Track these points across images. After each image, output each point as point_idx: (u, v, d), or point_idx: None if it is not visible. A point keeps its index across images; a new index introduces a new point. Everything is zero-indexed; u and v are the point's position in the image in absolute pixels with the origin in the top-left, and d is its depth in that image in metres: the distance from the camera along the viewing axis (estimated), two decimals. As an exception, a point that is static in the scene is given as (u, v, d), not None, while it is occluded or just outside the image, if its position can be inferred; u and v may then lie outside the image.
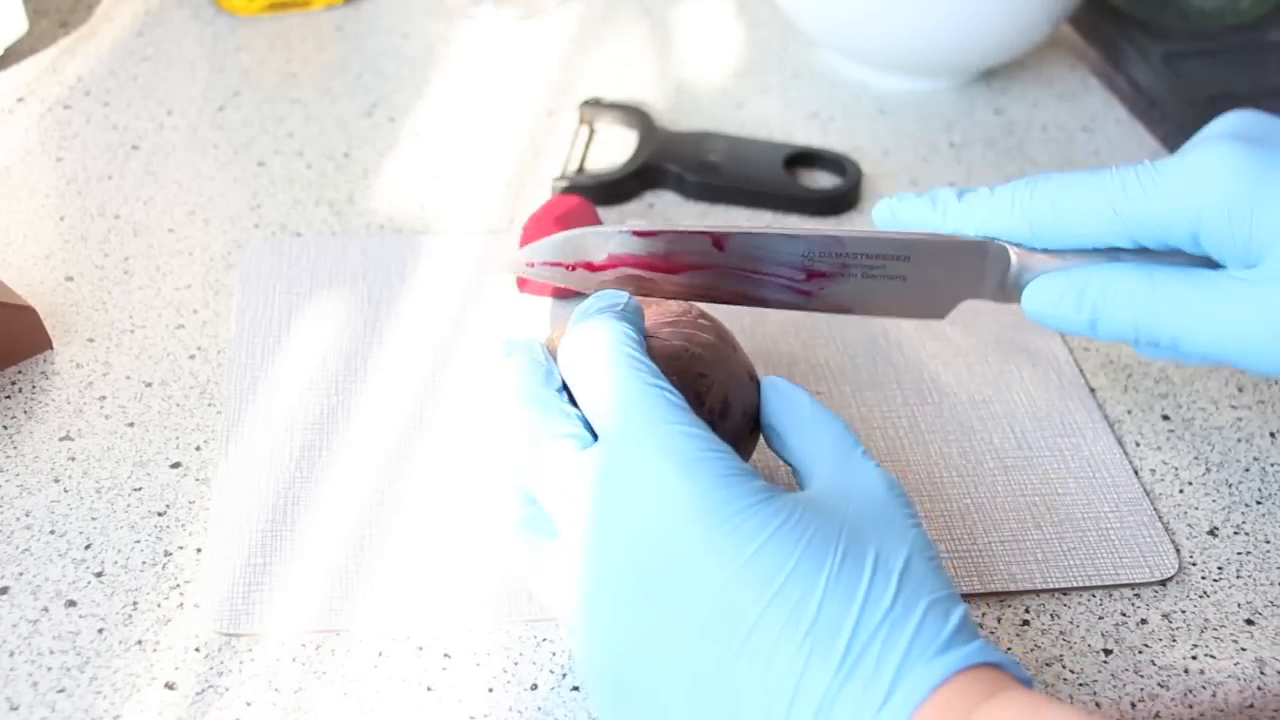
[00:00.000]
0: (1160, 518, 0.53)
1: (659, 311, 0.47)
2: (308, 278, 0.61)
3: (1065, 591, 0.50)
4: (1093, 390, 0.59)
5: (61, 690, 0.44)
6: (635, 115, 0.72)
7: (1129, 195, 0.46)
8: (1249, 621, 0.50)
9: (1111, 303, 0.46)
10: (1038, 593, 0.50)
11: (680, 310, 0.47)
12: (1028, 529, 0.52)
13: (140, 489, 0.51)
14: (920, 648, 0.37)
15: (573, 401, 0.43)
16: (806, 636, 0.36)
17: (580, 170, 0.69)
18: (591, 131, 0.73)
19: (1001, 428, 0.56)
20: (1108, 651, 0.48)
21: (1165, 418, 0.58)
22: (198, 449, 0.53)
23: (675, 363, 0.45)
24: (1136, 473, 0.55)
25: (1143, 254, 0.47)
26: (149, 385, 0.56)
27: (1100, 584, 0.50)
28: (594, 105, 0.73)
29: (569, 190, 0.67)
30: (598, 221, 0.61)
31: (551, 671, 0.46)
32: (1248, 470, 0.56)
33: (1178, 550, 0.52)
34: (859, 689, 0.36)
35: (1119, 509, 0.53)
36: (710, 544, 0.38)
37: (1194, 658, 0.48)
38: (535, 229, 0.61)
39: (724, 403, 0.45)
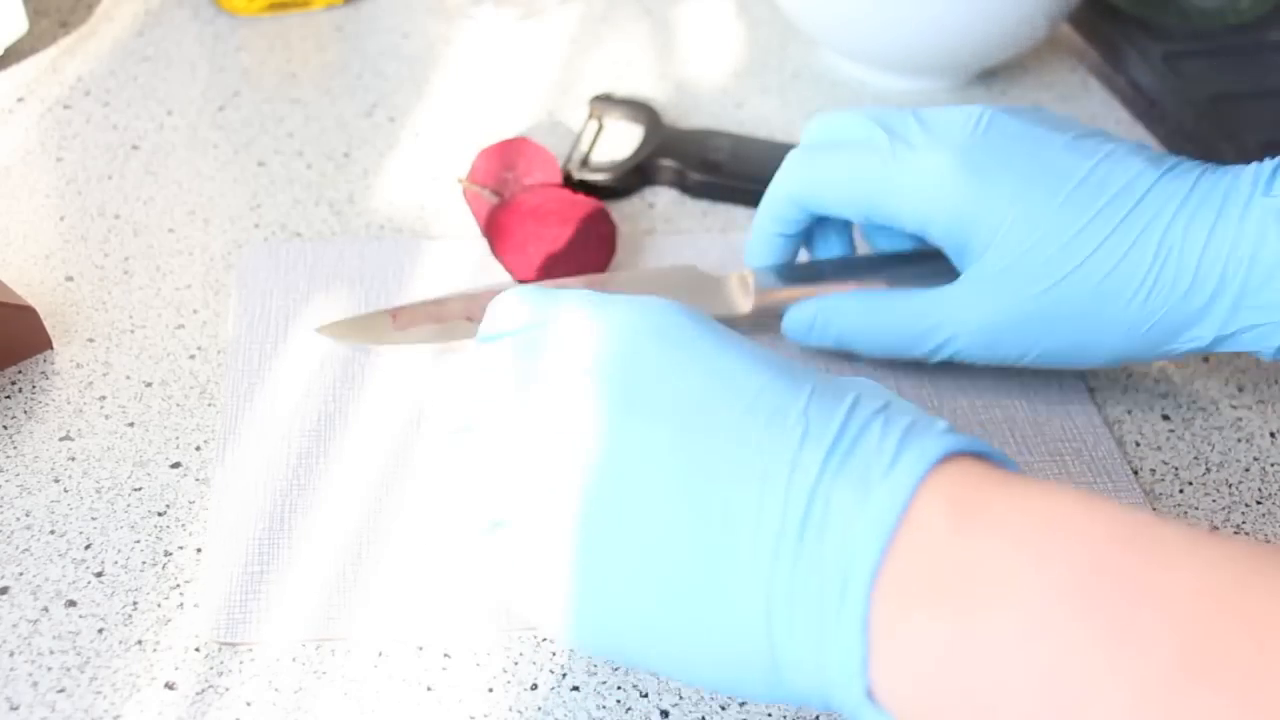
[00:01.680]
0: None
1: None
2: (304, 282, 0.61)
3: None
4: (1092, 391, 0.59)
5: (61, 690, 0.44)
6: (642, 111, 0.72)
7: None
8: (1249, 621, 0.50)
9: (839, 328, 0.56)
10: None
11: None
12: None
13: (140, 489, 0.51)
14: (919, 430, 0.36)
15: None
16: (801, 417, 0.36)
17: (585, 164, 0.69)
18: (600, 126, 0.73)
19: (1001, 432, 0.56)
20: (1108, 651, 0.48)
21: (1165, 418, 0.58)
22: (198, 449, 0.53)
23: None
24: (1136, 474, 0.55)
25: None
26: (149, 385, 0.56)
27: None
28: (604, 100, 0.73)
29: (574, 186, 0.67)
30: (554, 166, 0.65)
31: (551, 671, 0.46)
32: (1248, 470, 0.56)
33: None
34: (858, 464, 0.35)
35: None
36: (690, 352, 0.39)
37: (1194, 658, 0.48)
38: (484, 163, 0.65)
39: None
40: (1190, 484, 0.55)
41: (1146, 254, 0.50)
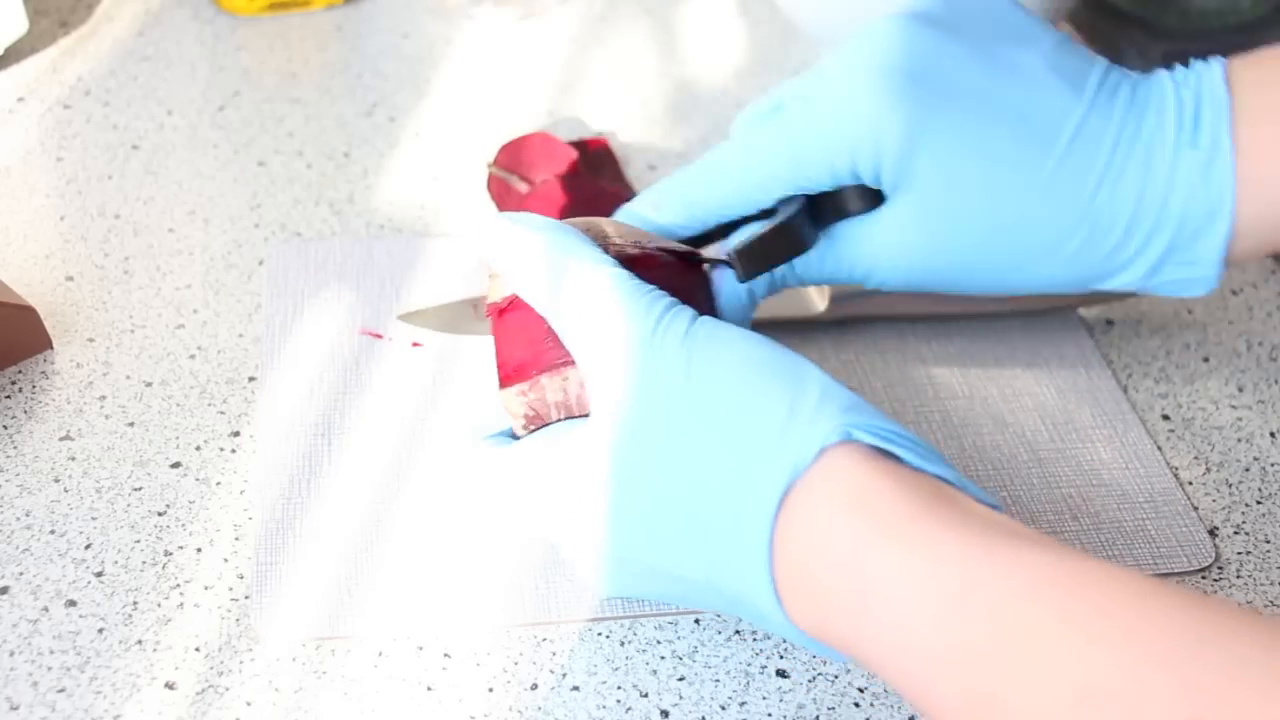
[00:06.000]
0: (1195, 507, 0.54)
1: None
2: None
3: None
4: (1117, 379, 0.59)
5: (61, 690, 0.44)
6: None
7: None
8: (1249, 621, 0.50)
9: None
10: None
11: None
12: (1065, 520, 0.52)
13: (140, 489, 0.51)
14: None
15: None
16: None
17: None
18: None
19: (1033, 420, 0.57)
20: (1108, 651, 0.48)
21: (1165, 418, 0.58)
22: (198, 449, 0.53)
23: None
24: (1168, 462, 0.55)
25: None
26: (149, 385, 0.56)
27: None
28: None
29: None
30: (567, 152, 0.65)
31: (551, 671, 0.46)
32: (1248, 470, 0.56)
33: (1214, 539, 0.52)
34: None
35: (1153, 499, 0.53)
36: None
37: (1194, 658, 0.48)
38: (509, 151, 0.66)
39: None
40: (1190, 484, 0.55)
41: (1079, 206, 0.48)
